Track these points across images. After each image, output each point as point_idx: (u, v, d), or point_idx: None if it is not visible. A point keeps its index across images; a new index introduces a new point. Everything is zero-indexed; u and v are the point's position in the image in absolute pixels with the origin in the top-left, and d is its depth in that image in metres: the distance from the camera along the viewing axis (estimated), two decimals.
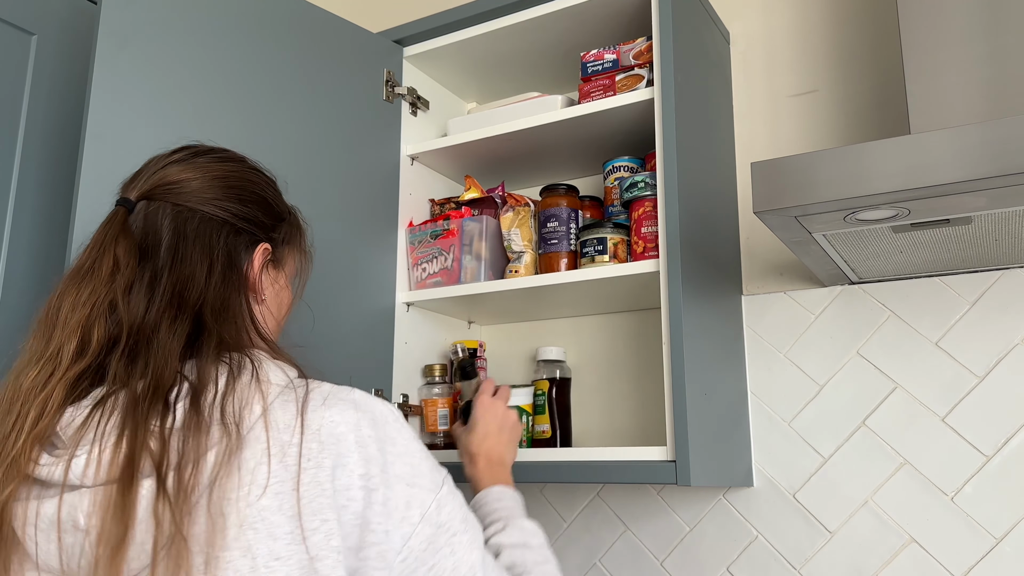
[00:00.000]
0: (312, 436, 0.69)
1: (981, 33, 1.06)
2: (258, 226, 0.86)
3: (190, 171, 0.83)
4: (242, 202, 0.85)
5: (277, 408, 0.71)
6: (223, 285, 0.80)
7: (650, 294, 1.40)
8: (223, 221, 0.83)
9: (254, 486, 0.66)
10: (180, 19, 1.19)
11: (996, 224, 1.02)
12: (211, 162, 0.86)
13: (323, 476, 0.68)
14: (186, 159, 0.85)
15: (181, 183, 0.82)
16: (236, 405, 0.69)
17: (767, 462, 1.38)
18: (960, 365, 1.27)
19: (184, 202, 0.82)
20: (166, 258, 0.79)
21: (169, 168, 0.84)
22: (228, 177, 0.85)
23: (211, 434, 0.68)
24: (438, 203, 1.60)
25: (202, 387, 0.70)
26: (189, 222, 0.81)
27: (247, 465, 0.67)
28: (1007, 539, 1.20)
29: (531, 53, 1.57)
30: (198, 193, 0.82)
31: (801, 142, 1.45)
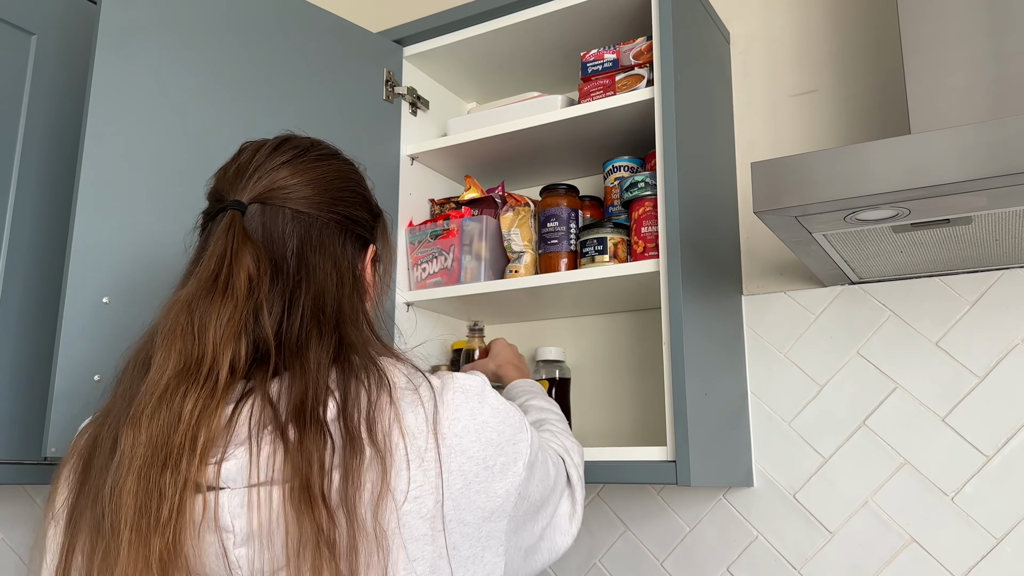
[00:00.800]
0: (442, 442, 0.73)
1: (981, 33, 1.06)
2: (365, 227, 0.87)
3: (303, 173, 0.83)
4: (351, 204, 0.85)
5: (408, 413, 0.74)
6: (352, 293, 0.82)
7: (650, 294, 1.40)
8: (340, 226, 0.83)
9: (398, 491, 0.70)
10: (180, 19, 1.19)
11: (996, 224, 1.02)
12: (317, 162, 0.85)
13: (452, 480, 0.72)
14: (293, 160, 0.83)
15: (297, 188, 0.81)
16: (381, 422, 0.72)
17: (767, 462, 1.38)
18: (960, 365, 1.27)
19: (302, 208, 0.81)
20: (296, 267, 0.79)
21: (280, 170, 0.82)
22: (337, 179, 0.85)
23: (364, 452, 0.70)
24: (438, 203, 1.60)
25: (349, 404, 0.72)
26: (312, 228, 0.81)
27: (391, 473, 0.70)
28: (1007, 539, 1.20)
29: (531, 53, 1.57)
30: (313, 197, 0.82)
31: (801, 142, 1.45)
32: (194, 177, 1.17)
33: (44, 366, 1.29)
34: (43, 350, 1.30)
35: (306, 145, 0.86)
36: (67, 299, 1.04)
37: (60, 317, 1.03)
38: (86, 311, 1.05)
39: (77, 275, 1.05)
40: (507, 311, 1.59)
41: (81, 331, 1.04)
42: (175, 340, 0.74)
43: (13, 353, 1.27)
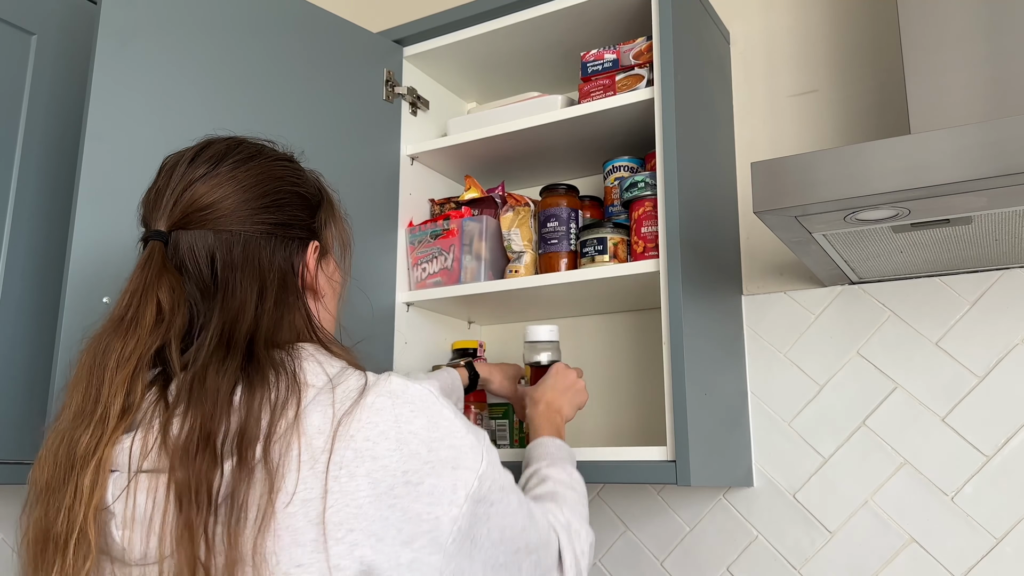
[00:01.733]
0: (346, 444, 0.68)
1: (981, 33, 1.06)
2: (302, 227, 0.83)
3: (219, 187, 0.79)
4: (278, 207, 0.81)
5: (312, 412, 0.70)
6: (275, 306, 0.78)
7: (650, 294, 1.40)
8: (267, 235, 0.79)
9: (283, 493, 0.66)
10: (180, 19, 1.19)
11: (996, 224, 1.02)
12: (235, 168, 0.80)
13: (354, 485, 0.67)
14: (210, 172, 0.79)
15: (215, 205, 0.78)
16: (278, 433, 0.69)
17: (767, 462, 1.38)
18: (960, 365, 1.27)
19: (224, 226, 0.78)
20: (215, 291, 0.77)
21: (196, 187, 0.78)
22: (259, 183, 0.81)
23: (253, 474, 0.68)
24: (438, 203, 1.60)
25: (249, 424, 0.69)
26: (234, 247, 0.78)
27: (277, 480, 0.67)
28: (1007, 539, 1.20)
29: (531, 53, 1.57)
30: (235, 212, 0.78)
31: (801, 142, 1.45)
32: None
33: (44, 366, 1.29)
34: (43, 350, 1.30)
35: (222, 151, 0.81)
36: (67, 299, 1.04)
37: (60, 317, 1.03)
38: (86, 311, 1.05)
39: (77, 275, 1.05)
40: (507, 311, 1.59)
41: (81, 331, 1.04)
42: (80, 380, 0.74)
43: (13, 353, 1.27)
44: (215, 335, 0.75)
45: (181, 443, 0.69)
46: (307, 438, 0.68)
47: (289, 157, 0.88)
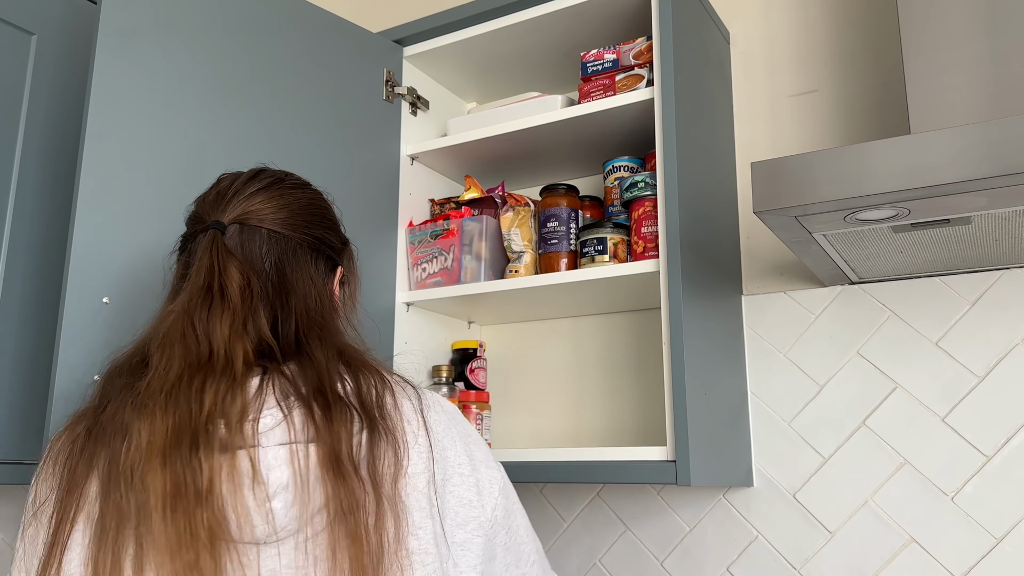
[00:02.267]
0: (430, 431, 0.81)
1: (981, 33, 1.06)
2: (334, 250, 0.92)
3: (275, 199, 0.88)
4: (322, 228, 0.91)
5: (402, 401, 0.81)
6: (330, 309, 0.88)
7: (650, 294, 1.40)
8: (311, 248, 0.89)
9: (406, 468, 0.77)
10: (180, 19, 1.19)
11: (996, 224, 1.02)
12: (291, 189, 0.91)
13: (437, 468, 0.80)
14: (266, 188, 0.89)
15: (271, 212, 0.87)
16: (386, 406, 0.79)
17: (767, 462, 1.38)
18: (960, 365, 1.27)
19: (277, 228, 0.87)
20: (278, 281, 0.84)
21: (256, 196, 0.88)
22: (309, 204, 0.91)
23: (381, 432, 0.77)
24: (438, 203, 1.60)
25: (361, 388, 0.79)
26: (287, 247, 0.86)
27: (401, 450, 0.77)
28: (1007, 539, 1.20)
29: (531, 53, 1.57)
30: (287, 220, 0.87)
31: (801, 142, 1.45)
32: (194, 177, 1.18)
33: (44, 366, 1.29)
34: (43, 350, 1.30)
35: (280, 176, 0.92)
36: (67, 299, 1.04)
37: (60, 317, 1.03)
38: (86, 311, 1.05)
39: (77, 275, 1.05)
40: (507, 311, 1.60)
41: (81, 331, 1.04)
42: (175, 343, 0.77)
43: (13, 353, 1.27)
44: (301, 315, 0.83)
45: (312, 389, 0.76)
46: (407, 421, 0.80)
47: (326, 195, 0.97)
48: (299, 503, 0.72)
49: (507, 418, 1.65)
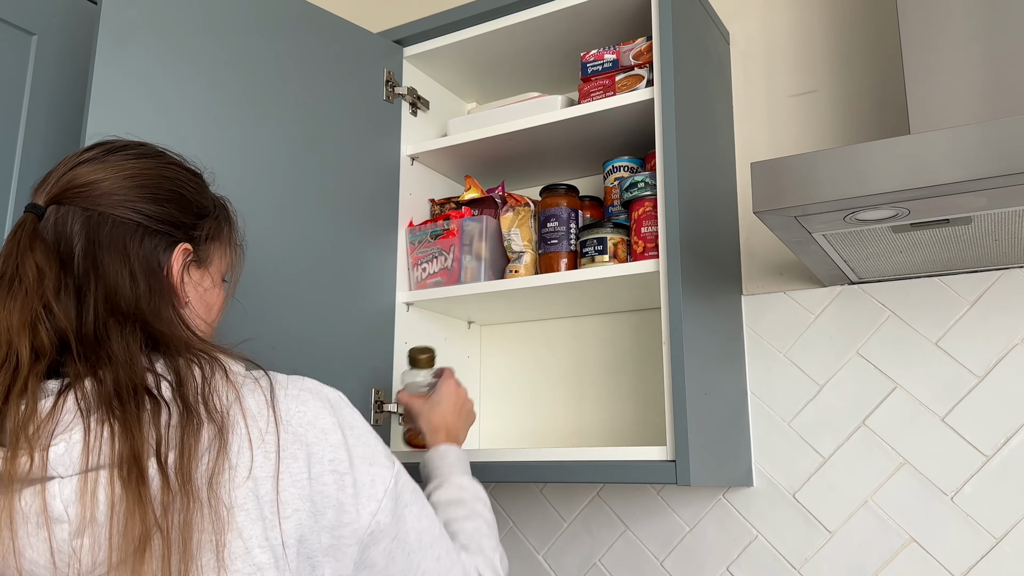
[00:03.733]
0: (284, 427, 0.72)
1: (981, 33, 1.06)
2: (175, 226, 0.82)
3: (101, 171, 0.79)
4: (156, 202, 0.81)
5: (247, 396, 0.73)
6: (150, 293, 0.78)
7: (650, 294, 1.40)
8: (136, 224, 0.79)
9: (240, 468, 0.69)
10: (180, 19, 1.19)
11: (996, 224, 1.02)
12: (124, 159, 0.81)
13: (296, 467, 0.71)
14: (97, 157, 0.80)
15: (91, 185, 0.78)
16: (218, 396, 0.71)
17: (767, 462, 1.38)
18: (960, 365, 1.27)
19: (94, 206, 0.78)
20: (85, 267, 0.76)
21: (79, 168, 0.79)
22: (141, 175, 0.81)
23: (201, 424, 0.69)
24: (438, 203, 1.60)
25: (182, 381, 0.71)
26: (101, 227, 0.77)
27: (232, 450, 0.69)
28: (1007, 539, 1.20)
29: (531, 53, 1.57)
30: (109, 195, 0.78)
31: (801, 142, 1.45)
32: None
33: None
34: None
35: (119, 146, 0.83)
36: None
37: None
38: None
39: None
40: (507, 311, 1.60)
41: None
42: None
43: None
44: (99, 305, 0.74)
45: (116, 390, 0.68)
46: (251, 417, 0.71)
47: (192, 169, 0.88)
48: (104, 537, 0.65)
49: (507, 418, 1.65)
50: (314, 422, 0.74)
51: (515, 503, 1.59)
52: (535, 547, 1.55)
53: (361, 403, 1.39)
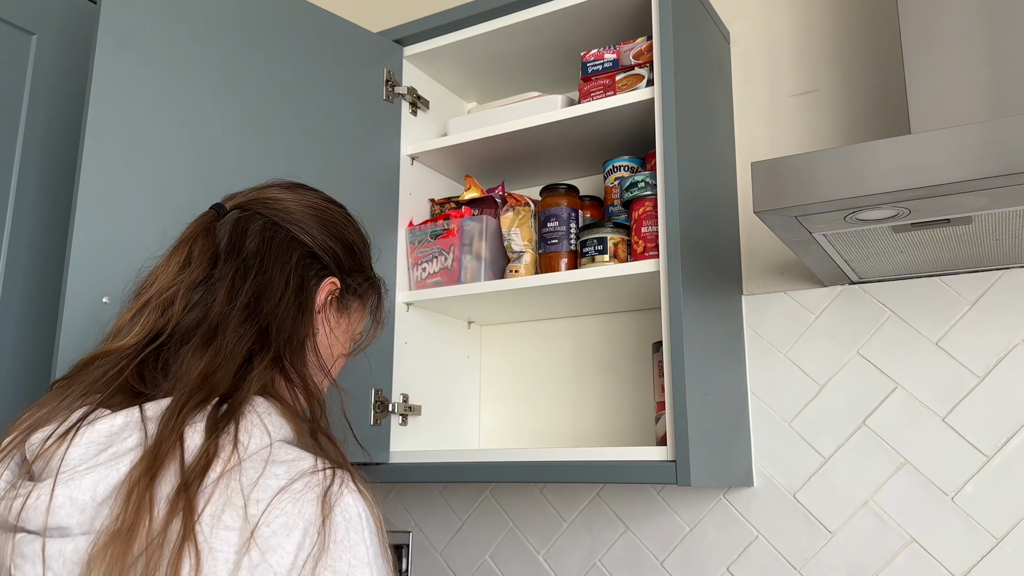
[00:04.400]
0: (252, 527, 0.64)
1: (981, 33, 1.06)
2: (335, 261, 0.88)
3: (289, 196, 0.87)
4: (328, 236, 0.88)
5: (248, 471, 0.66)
6: (295, 306, 0.82)
7: (650, 294, 1.40)
8: (303, 244, 0.85)
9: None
10: (180, 19, 1.19)
11: (996, 224, 1.02)
12: (312, 196, 0.89)
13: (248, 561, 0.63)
14: (289, 187, 0.89)
15: (277, 201, 0.86)
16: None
17: (767, 462, 1.38)
18: (960, 365, 1.27)
19: (274, 216, 0.85)
20: (250, 262, 0.81)
21: (270, 190, 0.88)
22: (323, 212, 0.89)
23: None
24: (438, 203, 1.60)
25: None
26: (276, 235, 0.84)
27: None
28: (1007, 539, 1.20)
29: (531, 53, 1.57)
30: (290, 213, 0.86)
31: (801, 142, 1.45)
32: (194, 176, 1.18)
33: (44, 366, 1.29)
34: (43, 350, 1.30)
35: (309, 186, 0.91)
36: (67, 299, 1.04)
37: (60, 317, 1.03)
38: (86, 311, 1.05)
39: (77, 275, 1.05)
40: (507, 311, 1.60)
41: (81, 331, 1.04)
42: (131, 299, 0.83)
43: (13, 353, 1.27)
44: (246, 295, 0.78)
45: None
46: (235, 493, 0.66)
47: (365, 234, 0.96)
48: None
49: (507, 418, 1.65)
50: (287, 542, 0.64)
51: (515, 503, 1.59)
52: (535, 547, 1.55)
53: (361, 403, 1.39)
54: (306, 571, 0.62)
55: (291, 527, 0.63)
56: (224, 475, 0.65)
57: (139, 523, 0.61)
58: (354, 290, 0.91)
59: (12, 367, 1.26)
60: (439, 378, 1.58)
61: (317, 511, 0.64)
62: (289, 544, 0.62)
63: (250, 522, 0.62)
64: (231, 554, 0.61)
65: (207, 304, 0.77)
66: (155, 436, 0.66)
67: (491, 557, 1.59)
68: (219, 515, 0.63)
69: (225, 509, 0.63)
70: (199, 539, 0.61)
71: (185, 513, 0.61)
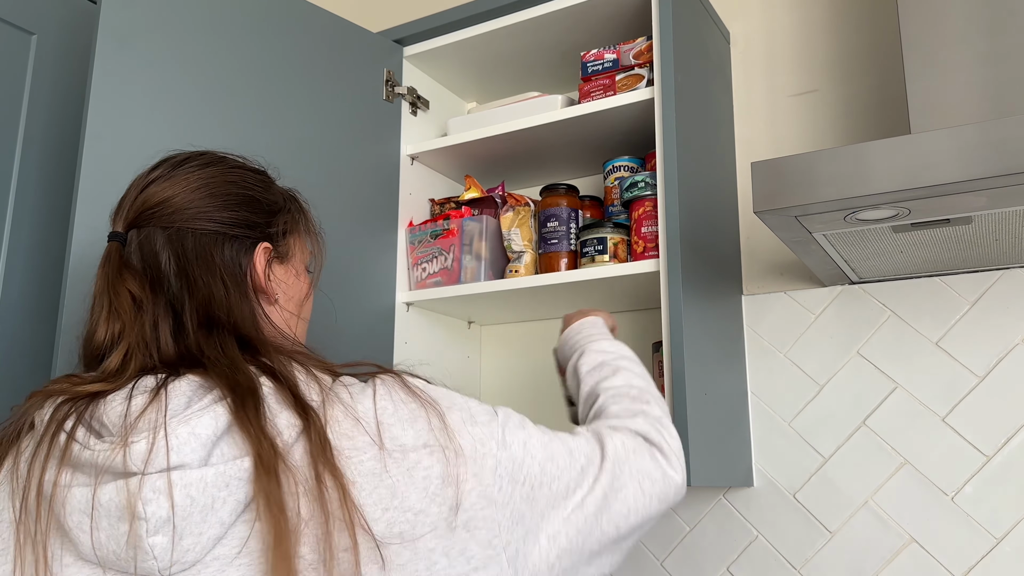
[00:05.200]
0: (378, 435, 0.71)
1: (981, 33, 1.06)
2: (251, 227, 0.84)
3: (170, 188, 0.81)
4: (228, 208, 0.83)
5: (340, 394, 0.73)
6: (241, 299, 0.80)
7: (650, 294, 1.40)
8: (215, 233, 0.81)
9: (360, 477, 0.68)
10: (180, 19, 1.19)
11: (996, 224, 1.02)
12: (190, 172, 0.83)
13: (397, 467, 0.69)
14: (164, 175, 0.83)
15: (164, 203, 0.81)
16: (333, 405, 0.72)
17: (767, 462, 1.38)
18: (960, 365, 1.27)
19: (172, 223, 0.80)
20: (179, 284, 0.78)
21: (149, 189, 0.82)
22: (209, 184, 0.83)
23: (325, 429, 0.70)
24: (438, 203, 1.60)
25: (291, 384, 0.72)
26: (185, 242, 0.80)
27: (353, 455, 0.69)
28: (1007, 539, 1.20)
29: (531, 53, 1.57)
30: (183, 210, 0.80)
31: (801, 142, 1.45)
32: None
33: (44, 366, 1.29)
34: (43, 350, 1.30)
35: (181, 159, 0.85)
36: (67, 299, 1.04)
37: (60, 317, 1.03)
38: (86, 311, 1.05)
39: (77, 275, 1.05)
40: (507, 311, 1.60)
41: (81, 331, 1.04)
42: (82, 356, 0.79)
43: (13, 353, 1.27)
44: (198, 314, 0.77)
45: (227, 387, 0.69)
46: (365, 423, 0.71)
47: (255, 168, 0.89)
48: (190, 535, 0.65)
49: None
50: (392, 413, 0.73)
51: None
52: None
53: None
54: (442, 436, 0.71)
55: (412, 417, 0.72)
56: (324, 400, 0.71)
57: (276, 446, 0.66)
58: (282, 233, 0.87)
59: (12, 367, 1.26)
60: (439, 378, 1.58)
61: (407, 395, 0.74)
62: (418, 426, 0.71)
63: (371, 432, 0.70)
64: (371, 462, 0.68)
65: (169, 339, 0.76)
66: (228, 385, 0.70)
67: None
68: (342, 432, 0.69)
69: (344, 426, 0.70)
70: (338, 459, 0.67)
71: (319, 442, 0.67)
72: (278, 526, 0.64)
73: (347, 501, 0.65)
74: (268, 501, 0.64)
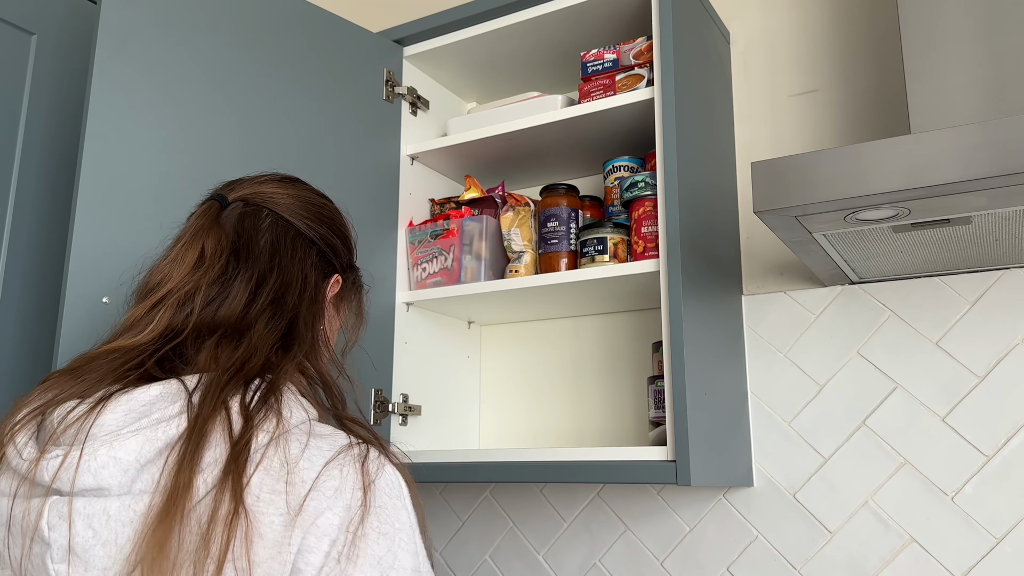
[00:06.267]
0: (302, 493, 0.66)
1: (981, 33, 1.06)
2: (336, 256, 0.90)
3: (283, 192, 0.88)
4: (330, 230, 0.90)
5: (292, 441, 0.69)
6: (312, 300, 0.84)
7: (650, 294, 1.40)
8: (312, 241, 0.87)
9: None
10: (180, 19, 1.19)
11: (996, 224, 1.02)
12: (301, 190, 0.90)
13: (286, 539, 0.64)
14: (286, 181, 0.90)
15: (279, 196, 0.87)
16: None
17: (767, 462, 1.38)
18: (960, 365, 1.27)
19: (281, 212, 0.85)
20: (271, 262, 0.82)
21: (264, 186, 0.88)
22: (321, 208, 0.90)
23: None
24: (438, 203, 1.60)
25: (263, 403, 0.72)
26: (287, 232, 0.85)
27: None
28: (1007, 539, 1.20)
29: (531, 53, 1.57)
30: (295, 210, 0.87)
31: (801, 142, 1.45)
32: (194, 176, 1.18)
33: (44, 366, 1.29)
34: (43, 350, 1.30)
35: (292, 178, 0.92)
36: (67, 299, 1.04)
37: (60, 317, 1.03)
38: (86, 311, 1.05)
39: (77, 275, 1.05)
40: (507, 311, 1.60)
41: (81, 331, 1.04)
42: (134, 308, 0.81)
43: (13, 353, 1.27)
44: (269, 295, 0.79)
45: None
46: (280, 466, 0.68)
47: (348, 219, 0.96)
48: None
49: (507, 418, 1.65)
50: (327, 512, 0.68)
51: (515, 503, 1.59)
52: (535, 547, 1.55)
53: (361, 403, 1.39)
54: (350, 532, 0.65)
55: (339, 491, 0.66)
56: (271, 443, 0.67)
57: (191, 486, 0.63)
58: (350, 286, 0.93)
59: (12, 367, 1.26)
60: (439, 378, 1.58)
61: (360, 480, 0.68)
62: (337, 507, 0.65)
63: (297, 488, 0.65)
64: (277, 517, 0.64)
65: (228, 300, 0.78)
66: (199, 404, 0.68)
67: (491, 557, 1.59)
68: (267, 482, 0.65)
69: (273, 476, 0.65)
70: (248, 502, 0.63)
71: (235, 479, 0.64)
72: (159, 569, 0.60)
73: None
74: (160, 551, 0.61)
